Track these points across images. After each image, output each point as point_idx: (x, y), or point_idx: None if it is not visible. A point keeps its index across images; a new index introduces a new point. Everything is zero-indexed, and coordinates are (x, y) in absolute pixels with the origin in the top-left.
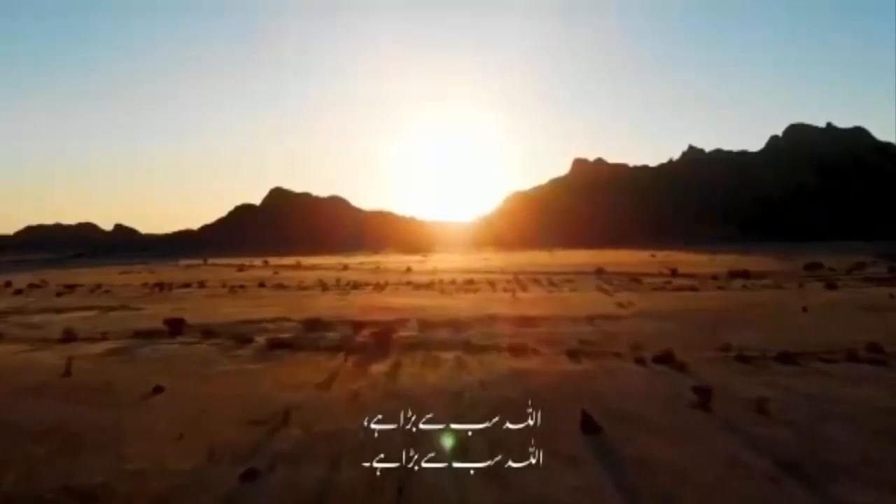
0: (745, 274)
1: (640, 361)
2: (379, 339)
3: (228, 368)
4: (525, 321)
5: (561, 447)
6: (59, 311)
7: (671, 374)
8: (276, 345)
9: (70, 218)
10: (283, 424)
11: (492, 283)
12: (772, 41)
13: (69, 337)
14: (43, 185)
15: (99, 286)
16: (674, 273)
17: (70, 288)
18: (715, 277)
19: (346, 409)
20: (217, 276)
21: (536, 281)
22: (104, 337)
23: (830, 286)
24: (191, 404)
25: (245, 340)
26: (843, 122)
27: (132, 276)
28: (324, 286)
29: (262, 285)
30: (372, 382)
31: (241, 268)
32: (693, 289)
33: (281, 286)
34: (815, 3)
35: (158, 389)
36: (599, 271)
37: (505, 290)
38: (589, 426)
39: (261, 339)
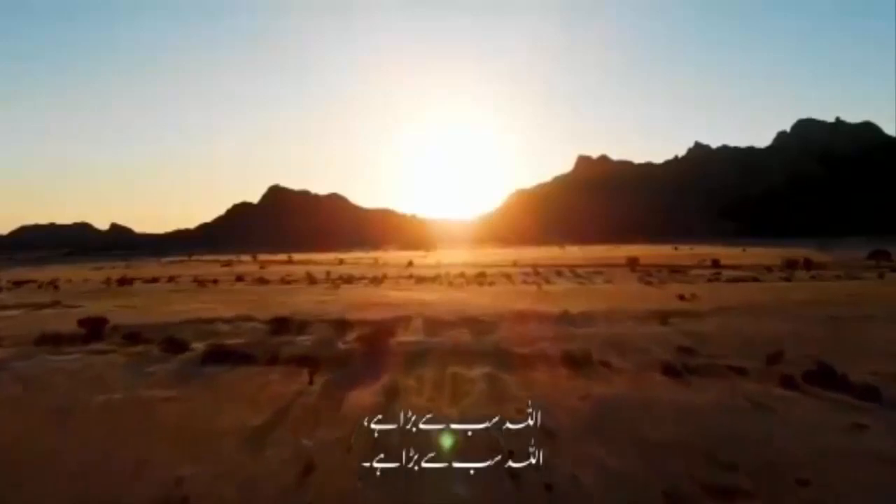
0: (807, 264)
1: (789, 383)
2: (369, 347)
3: (118, 397)
4: (569, 319)
5: None
6: None
7: (874, 412)
8: (215, 355)
9: (66, 218)
10: None
11: (508, 276)
12: (779, 36)
13: None
14: (40, 184)
15: (52, 282)
16: (716, 264)
17: (18, 284)
18: (770, 269)
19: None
20: (193, 271)
21: (559, 273)
22: None
23: None
24: None
25: (179, 348)
26: (852, 116)
27: (100, 273)
28: (311, 280)
29: (239, 279)
30: (346, 430)
31: (226, 263)
32: (755, 279)
33: (262, 280)
34: None
35: None
36: (633, 262)
37: (525, 282)
38: None
39: (200, 347)
